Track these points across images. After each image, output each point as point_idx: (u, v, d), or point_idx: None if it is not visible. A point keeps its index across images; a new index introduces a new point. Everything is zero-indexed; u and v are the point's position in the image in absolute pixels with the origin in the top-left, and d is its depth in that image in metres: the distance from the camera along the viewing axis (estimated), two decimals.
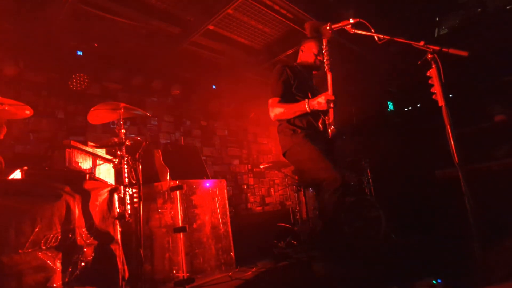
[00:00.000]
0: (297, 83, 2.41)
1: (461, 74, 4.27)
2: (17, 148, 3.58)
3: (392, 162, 5.33)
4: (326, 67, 2.24)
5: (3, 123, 2.61)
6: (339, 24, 2.07)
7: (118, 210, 2.53)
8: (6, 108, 2.34)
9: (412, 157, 5.28)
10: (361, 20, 1.99)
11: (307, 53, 2.60)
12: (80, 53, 4.18)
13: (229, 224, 3.63)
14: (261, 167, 5.04)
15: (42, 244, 1.97)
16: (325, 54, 2.23)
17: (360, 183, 4.61)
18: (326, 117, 2.34)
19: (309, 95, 2.40)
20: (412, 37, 1.84)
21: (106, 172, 3.01)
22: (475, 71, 4.84)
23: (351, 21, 2.01)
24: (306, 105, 2.24)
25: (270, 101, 2.35)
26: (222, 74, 5.57)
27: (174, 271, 3.00)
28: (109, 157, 2.98)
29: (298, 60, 2.66)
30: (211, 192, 3.60)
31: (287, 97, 2.35)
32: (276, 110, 2.32)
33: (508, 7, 4.64)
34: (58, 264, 2.01)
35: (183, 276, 2.88)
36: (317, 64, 2.57)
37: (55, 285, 1.96)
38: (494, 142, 3.85)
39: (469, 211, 1.69)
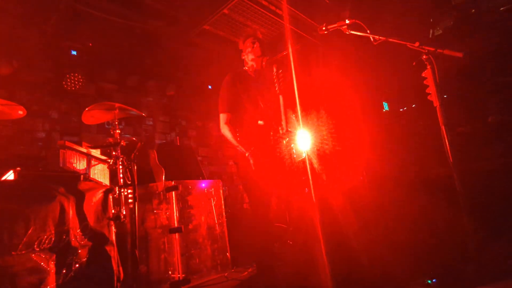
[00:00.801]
0: (247, 93, 2.40)
1: (455, 75, 4.30)
2: (10, 149, 3.54)
3: (387, 162, 5.35)
4: (277, 88, 2.15)
5: None
6: (335, 25, 2.08)
7: (113, 211, 2.52)
8: None
9: (407, 157, 5.31)
10: (357, 21, 1.99)
11: (246, 52, 2.62)
12: (74, 52, 4.15)
13: (225, 224, 3.63)
14: None
15: (35, 246, 1.95)
16: (275, 78, 2.17)
17: (356, 183, 4.62)
18: (280, 127, 2.26)
19: (259, 102, 2.38)
20: (407, 38, 1.85)
21: (100, 173, 2.98)
22: (470, 71, 4.88)
23: (347, 22, 2.02)
24: (246, 153, 2.25)
25: (220, 115, 2.39)
26: (218, 74, 5.55)
27: (170, 272, 2.99)
28: (104, 157, 2.95)
29: (245, 66, 2.64)
30: (207, 192, 3.59)
31: (236, 110, 2.38)
32: (224, 131, 2.38)
33: (501, 8, 4.69)
34: (52, 266, 1.99)
35: (179, 277, 2.87)
36: (257, 50, 2.52)
37: (49, 287, 1.94)
38: (488, 142, 3.89)
39: (464, 210, 1.70)
